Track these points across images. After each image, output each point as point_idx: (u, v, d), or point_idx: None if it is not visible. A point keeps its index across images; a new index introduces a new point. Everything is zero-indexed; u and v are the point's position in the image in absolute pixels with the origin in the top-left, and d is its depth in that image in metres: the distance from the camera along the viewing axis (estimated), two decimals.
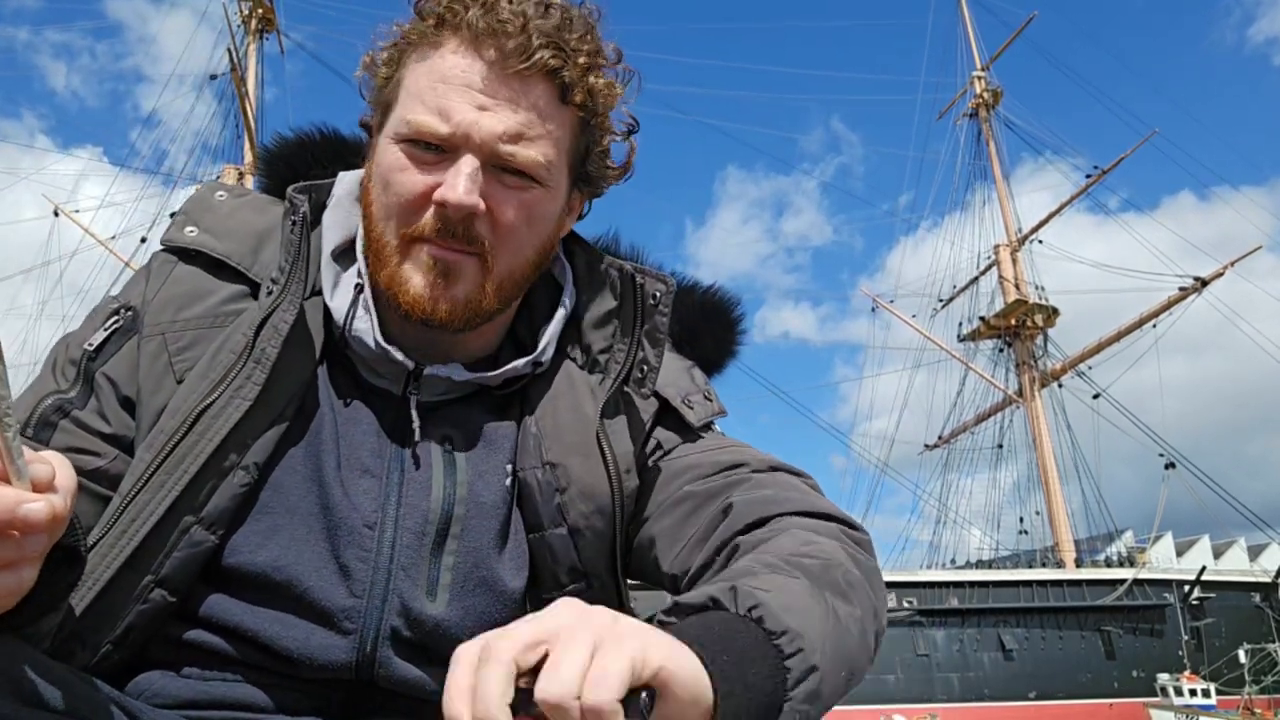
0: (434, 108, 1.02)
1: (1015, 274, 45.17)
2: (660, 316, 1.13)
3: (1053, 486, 42.41)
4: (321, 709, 1.00)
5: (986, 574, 36.70)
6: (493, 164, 1.04)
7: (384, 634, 1.00)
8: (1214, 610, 35.78)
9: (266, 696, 0.98)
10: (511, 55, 1.02)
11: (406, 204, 1.04)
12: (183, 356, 1.04)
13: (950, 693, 33.04)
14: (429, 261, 1.04)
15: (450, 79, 1.02)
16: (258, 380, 1.00)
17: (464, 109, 1.01)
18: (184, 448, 0.97)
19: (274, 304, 1.03)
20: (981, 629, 33.86)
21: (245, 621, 0.98)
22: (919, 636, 33.38)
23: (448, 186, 1.01)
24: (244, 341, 1.02)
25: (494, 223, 1.05)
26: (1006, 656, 33.68)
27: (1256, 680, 32.97)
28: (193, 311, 1.07)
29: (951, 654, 33.59)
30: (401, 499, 1.04)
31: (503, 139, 1.02)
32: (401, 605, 1.01)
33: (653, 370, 1.13)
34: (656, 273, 1.15)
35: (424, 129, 1.02)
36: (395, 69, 1.08)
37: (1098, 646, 34.37)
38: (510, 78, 1.02)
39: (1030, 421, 43.74)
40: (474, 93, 1.02)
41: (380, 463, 1.06)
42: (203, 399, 0.99)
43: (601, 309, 1.17)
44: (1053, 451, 43.11)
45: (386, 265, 1.06)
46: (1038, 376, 44.00)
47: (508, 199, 1.05)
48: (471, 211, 1.02)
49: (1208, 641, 35.00)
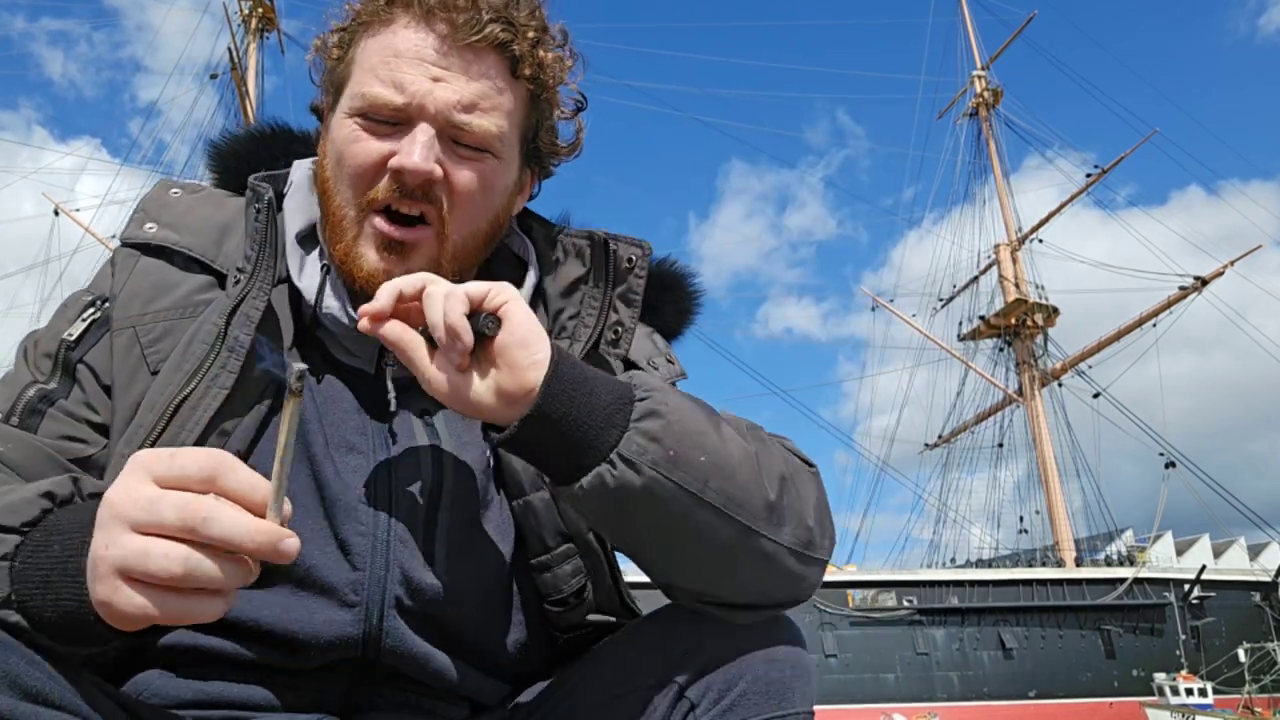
0: (388, 80, 1.04)
1: (1015, 273, 45.04)
2: (636, 279, 1.16)
3: (1053, 486, 42.30)
4: (321, 702, 1.01)
5: (986, 573, 36.55)
6: (447, 134, 1.05)
7: (389, 603, 1.01)
8: (1214, 609, 35.65)
9: (266, 692, 0.98)
10: (462, 28, 1.04)
11: (362, 172, 1.06)
12: (155, 348, 1.05)
13: (950, 691, 32.94)
14: (382, 240, 1.06)
15: (403, 53, 1.04)
16: (233, 368, 1.01)
17: (418, 80, 1.03)
18: (164, 441, 0.97)
19: (243, 291, 1.04)
20: (981, 628, 33.74)
21: (244, 613, 0.97)
22: (919, 635, 33.28)
23: (404, 154, 1.03)
24: (215, 330, 1.02)
25: (450, 190, 1.06)
26: (1006, 655, 33.57)
27: (1256, 679, 32.90)
28: (161, 303, 1.08)
29: (951, 653, 33.49)
30: (393, 472, 1.06)
31: (457, 108, 1.04)
32: (403, 575, 1.02)
33: (627, 331, 1.17)
34: (630, 238, 1.17)
35: (379, 100, 1.04)
36: (347, 49, 1.10)
37: (1098, 645, 34.25)
38: (462, 50, 1.05)
39: (1030, 421, 43.63)
40: (427, 65, 1.04)
41: (365, 439, 1.07)
42: (179, 390, 0.99)
43: (569, 277, 1.19)
44: (1053, 451, 43.00)
45: (343, 239, 1.07)
46: (1038, 376, 43.87)
47: (462, 166, 1.07)
48: (428, 176, 1.03)
49: (1207, 640, 34.87)
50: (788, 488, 0.95)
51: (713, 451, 0.90)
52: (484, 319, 0.90)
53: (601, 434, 0.88)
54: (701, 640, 0.94)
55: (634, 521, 0.90)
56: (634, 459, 0.87)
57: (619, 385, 0.92)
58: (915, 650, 33.20)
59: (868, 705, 31.52)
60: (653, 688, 0.93)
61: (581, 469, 0.88)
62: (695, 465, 0.88)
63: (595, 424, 0.88)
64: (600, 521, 0.96)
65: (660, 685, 0.93)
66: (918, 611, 33.53)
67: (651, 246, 1.18)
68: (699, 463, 0.88)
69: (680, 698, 0.91)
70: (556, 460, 0.90)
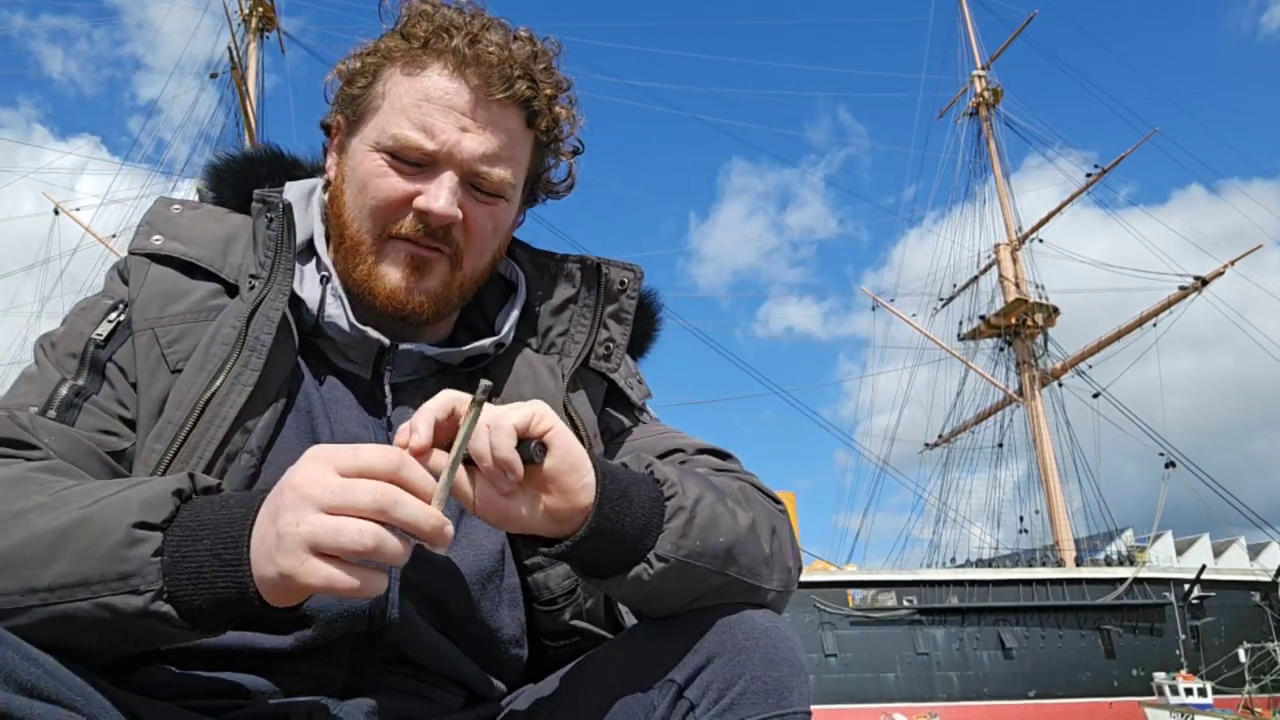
0: (419, 124, 1.11)
1: (1015, 273, 45.10)
2: (628, 299, 1.26)
3: (1053, 485, 42.36)
4: (320, 688, 1.03)
5: (986, 573, 36.62)
6: (467, 180, 1.14)
7: (394, 575, 1.05)
8: (1214, 609, 35.72)
9: (266, 678, 1.01)
10: (494, 84, 1.12)
11: (386, 206, 1.13)
12: (174, 349, 1.09)
13: (950, 691, 33.00)
14: (407, 257, 1.14)
15: (435, 99, 1.12)
16: (255, 367, 1.07)
17: (448, 129, 1.11)
18: (195, 435, 1.03)
19: (261, 294, 1.11)
20: (981, 628, 33.81)
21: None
22: (919, 635, 33.34)
23: (431, 198, 1.12)
24: (235, 332, 1.08)
25: (467, 231, 1.16)
26: (1006, 655, 33.62)
27: (1256, 679, 32.94)
28: (178, 307, 1.13)
29: (951, 653, 33.54)
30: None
31: (480, 160, 1.13)
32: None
33: (618, 347, 1.27)
34: (622, 263, 1.27)
35: (409, 144, 1.12)
36: (373, 80, 1.16)
37: (1097, 645, 34.31)
38: (490, 104, 1.13)
39: (1030, 420, 43.69)
40: (457, 114, 1.12)
41: (368, 433, 1.14)
42: (206, 387, 1.05)
43: (560, 297, 1.28)
44: (1053, 450, 43.07)
45: (363, 261, 1.16)
46: (1038, 375, 43.94)
47: (479, 212, 1.16)
48: (452, 221, 1.13)
49: (1207, 640, 34.93)
50: (776, 538, 1.06)
51: (728, 531, 0.99)
52: (533, 448, 0.91)
53: (642, 539, 0.95)
54: (700, 640, 0.94)
55: (660, 599, 0.98)
56: (668, 556, 0.95)
57: (647, 485, 0.98)
58: (915, 650, 33.26)
59: (868, 705, 31.56)
60: (652, 687, 0.94)
61: (622, 569, 0.95)
62: (717, 549, 0.98)
63: (637, 532, 0.95)
64: (628, 601, 1.04)
65: (659, 684, 0.94)
66: (918, 611, 33.59)
67: (643, 271, 1.27)
68: (718, 544, 0.98)
69: (680, 697, 0.92)
70: (600, 565, 0.96)
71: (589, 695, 0.99)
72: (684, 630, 0.96)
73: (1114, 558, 39.54)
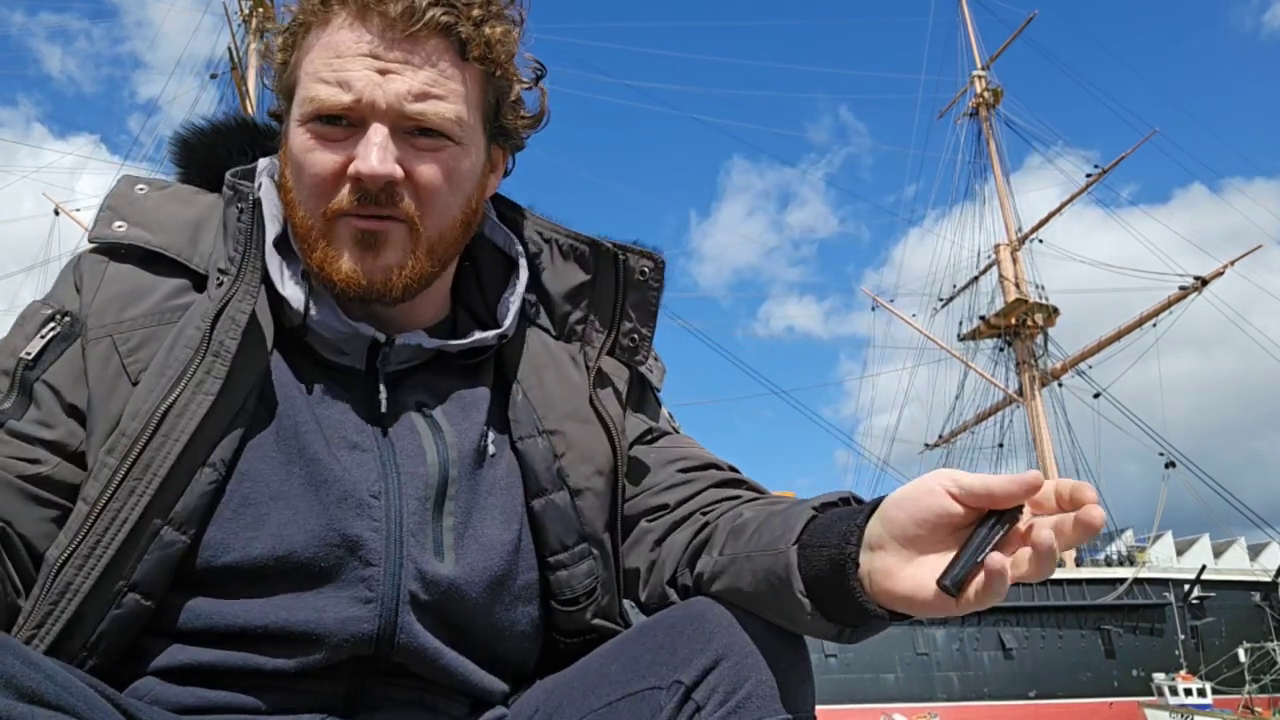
0: (332, 80, 1.02)
1: (1015, 273, 45.14)
2: (651, 291, 1.17)
3: None
4: (325, 704, 1.00)
5: None
6: (403, 128, 1.03)
7: (403, 598, 1.00)
8: (1214, 609, 35.77)
9: (269, 696, 0.98)
10: (401, 17, 1.01)
11: (321, 183, 1.04)
12: (134, 357, 1.02)
13: (950, 692, 33.03)
14: (354, 234, 1.04)
15: (344, 51, 1.02)
16: (218, 374, 0.99)
17: (363, 76, 1.01)
18: (151, 450, 0.96)
19: (228, 294, 1.02)
20: (981, 628, 33.83)
21: (251, 618, 0.97)
22: (919, 635, 33.37)
23: (360, 159, 1.01)
24: (199, 335, 1.00)
25: (414, 187, 1.04)
26: (1006, 655, 33.67)
27: (1256, 679, 32.96)
28: (138, 310, 1.06)
29: (951, 653, 33.58)
30: (399, 466, 1.06)
31: (407, 99, 1.01)
32: (416, 569, 1.02)
33: (644, 340, 1.18)
34: (640, 249, 1.18)
35: (326, 103, 1.02)
36: (291, 53, 1.08)
37: (1097, 645, 34.35)
38: (404, 40, 1.02)
39: (1030, 421, 43.72)
40: (370, 59, 1.01)
41: (366, 436, 1.07)
42: (163, 398, 0.97)
43: (570, 281, 1.20)
44: (1053, 451, 43.09)
45: (315, 248, 1.06)
46: (1038, 376, 43.97)
47: (423, 160, 1.04)
48: (389, 179, 1.01)
49: (1207, 641, 34.98)
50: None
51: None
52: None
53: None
54: (708, 641, 0.93)
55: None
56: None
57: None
58: (915, 650, 33.29)
59: (868, 705, 31.58)
60: (659, 688, 0.93)
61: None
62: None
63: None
64: (849, 638, 1.02)
65: (666, 685, 0.92)
66: None
67: (664, 259, 1.17)
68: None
69: (687, 698, 0.91)
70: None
71: (596, 694, 0.98)
72: (692, 630, 0.95)
73: (1114, 558, 39.58)
